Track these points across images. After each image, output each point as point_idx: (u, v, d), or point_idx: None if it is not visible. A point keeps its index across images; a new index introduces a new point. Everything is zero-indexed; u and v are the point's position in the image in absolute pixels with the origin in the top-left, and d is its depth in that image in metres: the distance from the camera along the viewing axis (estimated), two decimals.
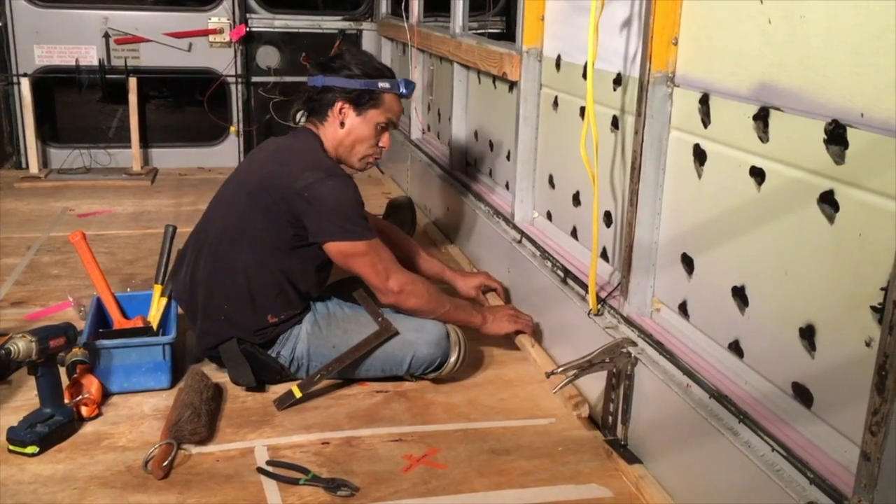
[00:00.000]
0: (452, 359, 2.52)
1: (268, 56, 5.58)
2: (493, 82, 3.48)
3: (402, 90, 2.60)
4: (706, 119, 1.98)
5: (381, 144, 2.62)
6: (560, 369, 2.19)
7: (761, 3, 1.76)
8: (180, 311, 2.67)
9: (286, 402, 2.41)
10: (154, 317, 2.69)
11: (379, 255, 2.48)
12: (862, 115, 1.49)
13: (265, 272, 2.46)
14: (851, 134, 1.50)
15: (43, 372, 2.20)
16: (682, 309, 2.13)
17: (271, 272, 2.46)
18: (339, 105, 2.54)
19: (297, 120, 5.61)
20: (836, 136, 1.53)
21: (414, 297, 2.52)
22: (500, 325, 2.70)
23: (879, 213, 1.45)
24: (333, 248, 2.44)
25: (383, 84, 2.55)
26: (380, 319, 2.52)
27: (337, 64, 2.57)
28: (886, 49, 1.43)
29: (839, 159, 1.54)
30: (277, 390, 2.47)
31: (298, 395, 2.41)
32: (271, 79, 5.57)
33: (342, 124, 2.56)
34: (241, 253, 2.47)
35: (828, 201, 1.57)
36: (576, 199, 2.74)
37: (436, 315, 2.57)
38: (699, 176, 2.02)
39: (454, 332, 2.56)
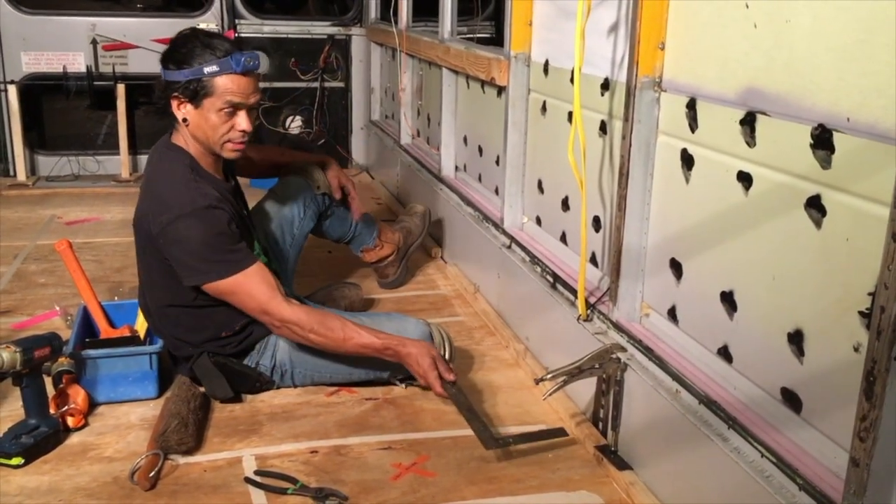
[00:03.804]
0: None
1: None
2: (482, 87, 3.47)
3: (235, 67, 2.26)
4: (693, 124, 1.97)
5: (238, 128, 2.34)
6: (549, 376, 2.18)
7: (747, 7, 1.76)
8: None
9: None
10: (141, 326, 2.68)
11: (255, 284, 2.29)
12: (848, 119, 1.48)
13: (183, 305, 2.39)
14: (838, 138, 1.50)
15: (28, 382, 2.18)
16: (671, 314, 2.13)
17: (187, 306, 2.38)
18: (174, 102, 2.32)
19: (287, 126, 5.61)
20: (823, 140, 1.53)
21: (301, 331, 2.31)
22: (423, 366, 2.31)
23: (866, 217, 1.44)
24: (208, 289, 2.31)
25: (210, 68, 2.25)
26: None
27: (166, 55, 2.33)
28: (872, 53, 1.43)
29: (826, 164, 1.53)
30: (264, 398, 2.47)
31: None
32: (260, 84, 5.53)
33: (185, 121, 2.34)
34: (156, 291, 2.46)
35: (815, 206, 1.57)
36: (564, 204, 2.73)
37: (338, 350, 2.37)
38: (687, 181, 2.02)
39: (438, 332, 2.53)
